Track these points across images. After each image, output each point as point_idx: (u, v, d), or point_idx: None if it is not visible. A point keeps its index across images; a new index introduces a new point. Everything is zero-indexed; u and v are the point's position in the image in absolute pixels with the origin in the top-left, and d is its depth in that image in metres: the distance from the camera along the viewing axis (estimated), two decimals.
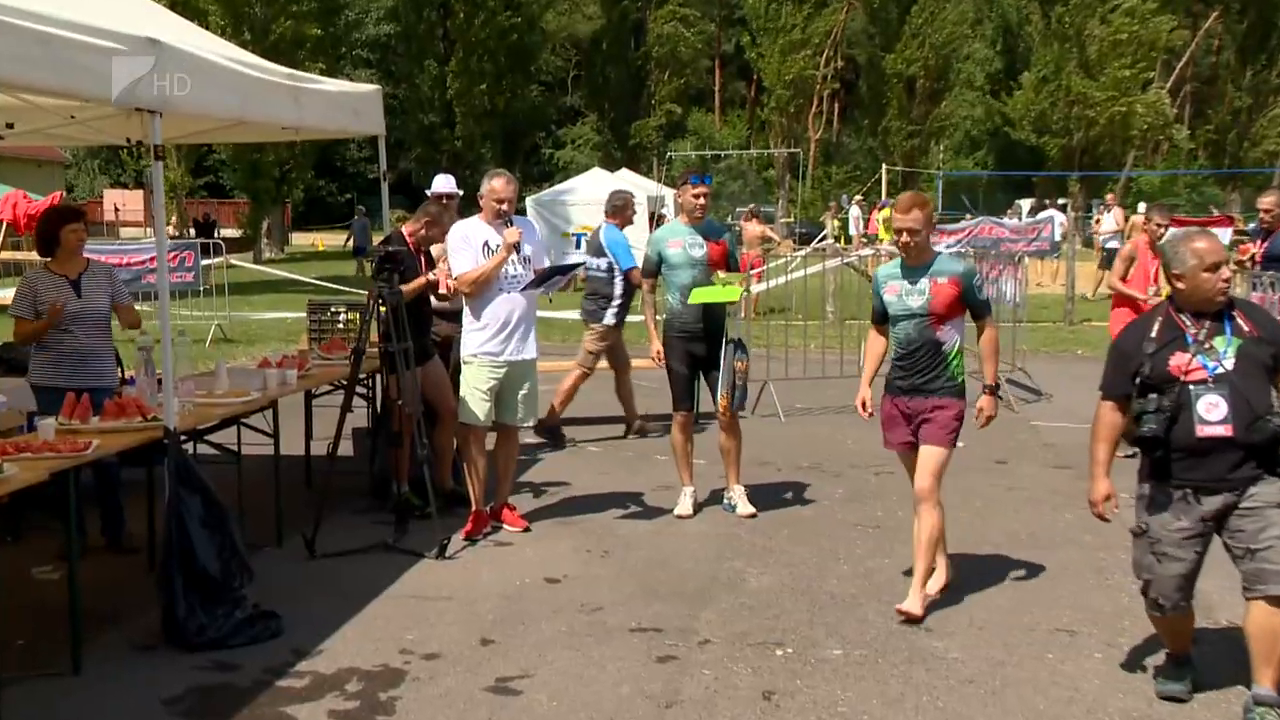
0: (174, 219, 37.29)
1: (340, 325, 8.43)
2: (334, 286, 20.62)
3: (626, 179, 34.83)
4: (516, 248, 7.01)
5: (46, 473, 4.90)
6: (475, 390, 7.18)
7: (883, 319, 6.07)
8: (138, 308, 7.21)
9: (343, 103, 7.74)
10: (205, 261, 19.10)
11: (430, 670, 5.22)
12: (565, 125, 62.00)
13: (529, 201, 32.15)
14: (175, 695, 4.93)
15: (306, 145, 36.23)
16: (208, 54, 5.99)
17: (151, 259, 16.17)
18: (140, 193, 49.81)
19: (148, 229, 43.91)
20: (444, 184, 8.90)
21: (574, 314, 13.50)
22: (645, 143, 53.16)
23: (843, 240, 34.82)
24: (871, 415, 6.19)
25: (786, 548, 7.06)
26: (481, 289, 7.08)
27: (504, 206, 7.08)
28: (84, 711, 4.79)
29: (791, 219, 45.99)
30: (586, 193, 31.23)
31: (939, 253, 6.06)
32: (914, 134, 50.23)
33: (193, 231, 34.96)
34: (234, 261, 23.48)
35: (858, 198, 40.14)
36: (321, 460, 7.63)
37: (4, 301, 9.12)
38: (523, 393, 7.33)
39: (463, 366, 7.29)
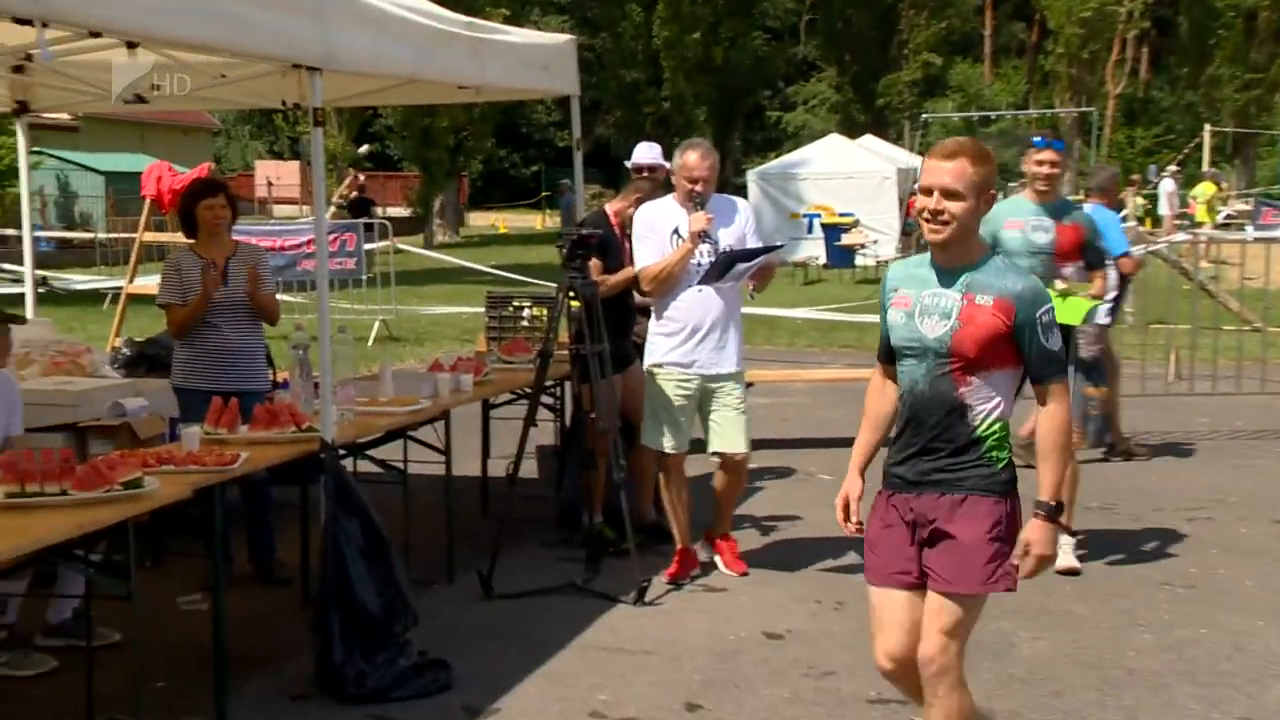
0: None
1: (524, 322, 8.59)
2: (517, 277, 20.93)
3: (871, 147, 34.65)
4: (705, 236, 7.02)
5: (190, 489, 5.19)
6: (660, 408, 7.22)
7: (892, 353, 4.57)
8: (293, 299, 7.52)
9: (530, 57, 7.90)
10: (369, 246, 19.55)
11: None
12: (796, 82, 61.99)
13: (751, 176, 32.13)
14: None
15: (486, 108, 36.94)
16: (376, 2, 6.23)
17: (309, 242, 16.51)
18: (296, 164, 51.56)
19: (304, 207, 45.52)
20: (646, 154, 8.93)
21: None
22: (895, 102, 52.54)
23: (1149, 223, 33.73)
24: (857, 528, 4.58)
25: (1069, 607, 6.93)
26: (665, 286, 7.12)
27: (698, 187, 7.06)
28: None
29: (1080, 195, 44.62)
30: (822, 164, 31.20)
31: (993, 254, 4.46)
32: (1251, 84, 48.00)
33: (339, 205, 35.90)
34: (402, 246, 24.07)
35: (1171, 168, 38.76)
36: (500, 483, 7.79)
37: (147, 290, 9.64)
38: (717, 413, 7.27)
39: (646, 379, 7.37)
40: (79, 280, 23.05)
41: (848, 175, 30.45)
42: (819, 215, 29.91)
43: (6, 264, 21.44)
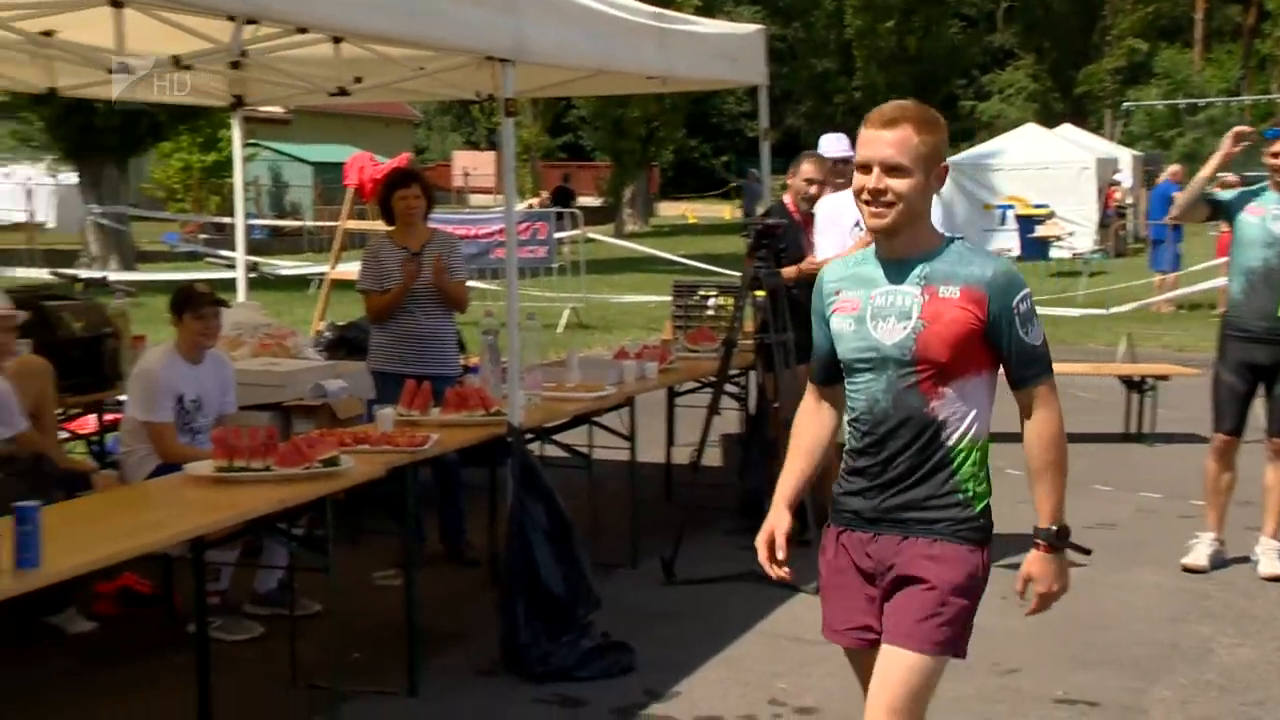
0: (537, 193, 38.42)
1: (710, 312, 8.65)
2: (705, 266, 20.96)
3: (1070, 136, 33.89)
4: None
5: (384, 468, 5.40)
6: None
7: (830, 372, 3.76)
8: (486, 286, 7.70)
9: (718, 47, 7.95)
10: (560, 235, 19.89)
11: None
12: (992, 70, 60.85)
13: None
14: None
15: (677, 99, 37.01)
16: None
17: (501, 231, 16.62)
18: (492, 154, 52.27)
19: (499, 196, 46.15)
20: (834, 145, 8.79)
21: None
22: (1096, 91, 51.26)
23: None
24: (786, 572, 3.96)
25: (1275, 614, 6.75)
26: None
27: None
28: None
29: None
30: (1018, 155, 30.62)
31: (951, 238, 3.60)
32: None
33: (542, 197, 36.22)
34: (592, 235, 24.18)
35: None
36: (684, 470, 7.87)
37: (349, 276, 9.95)
38: None
39: None
40: (286, 266, 23.70)
41: (1043, 166, 29.80)
42: (1013, 207, 29.36)
43: (223, 250, 22.29)
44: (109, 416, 7.88)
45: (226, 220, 24.64)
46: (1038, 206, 28.83)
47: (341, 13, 4.96)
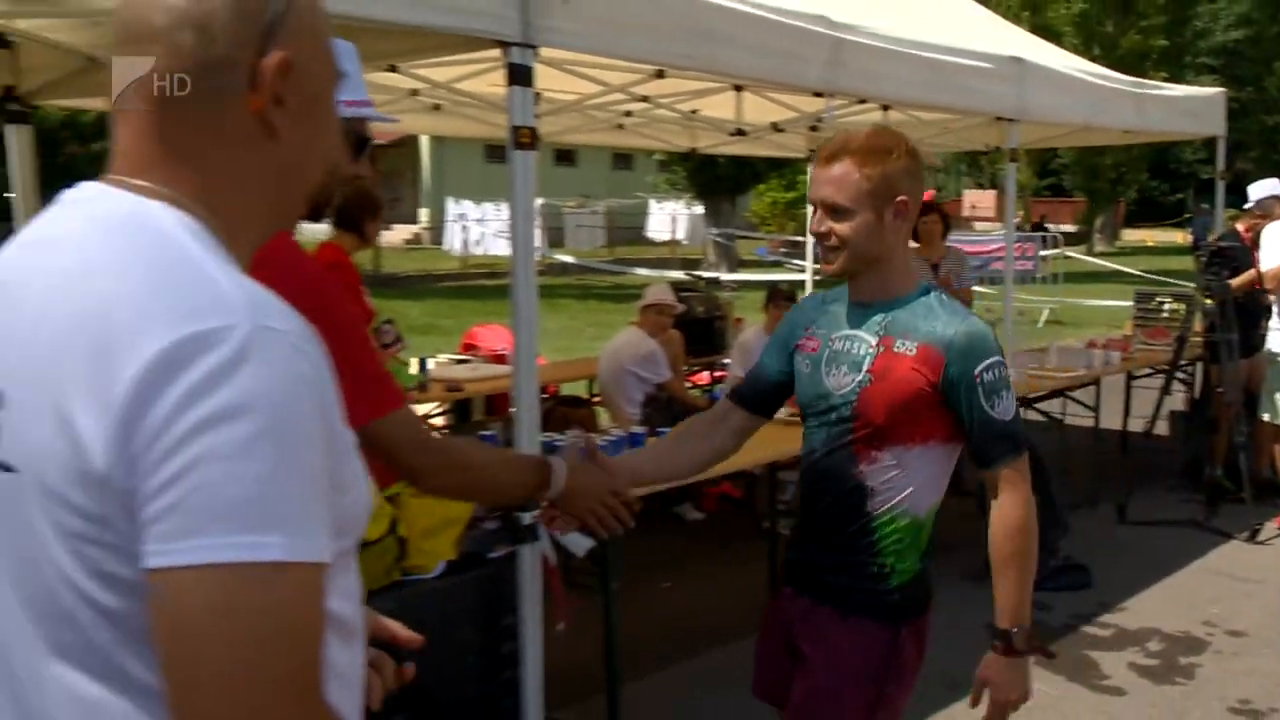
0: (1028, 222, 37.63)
1: (1164, 314, 8.16)
2: (1160, 279, 19.60)
3: None
4: None
5: None
6: (1278, 389, 6.63)
7: (753, 398, 2.60)
8: (985, 290, 7.55)
9: (1183, 107, 7.44)
10: (1043, 252, 19.77)
11: (1234, 646, 4.96)
12: None
13: None
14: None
15: (1142, 148, 34.70)
16: (1060, 67, 6.15)
17: (998, 248, 16.63)
18: (992, 192, 51.24)
19: (998, 223, 45.11)
20: (1268, 188, 7.94)
21: None
22: None
23: None
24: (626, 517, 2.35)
25: None
26: None
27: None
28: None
29: None
30: None
31: (928, 287, 2.41)
32: None
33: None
34: (1068, 253, 23.40)
35: None
36: (1137, 436, 7.44)
37: None
38: None
39: (1268, 364, 6.75)
40: None
41: None
42: None
43: (797, 259, 22.94)
44: (718, 374, 8.39)
45: (800, 239, 25.28)
46: None
47: (891, 88, 4.99)
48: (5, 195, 4.33)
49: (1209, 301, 6.93)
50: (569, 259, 25.32)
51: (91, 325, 0.97)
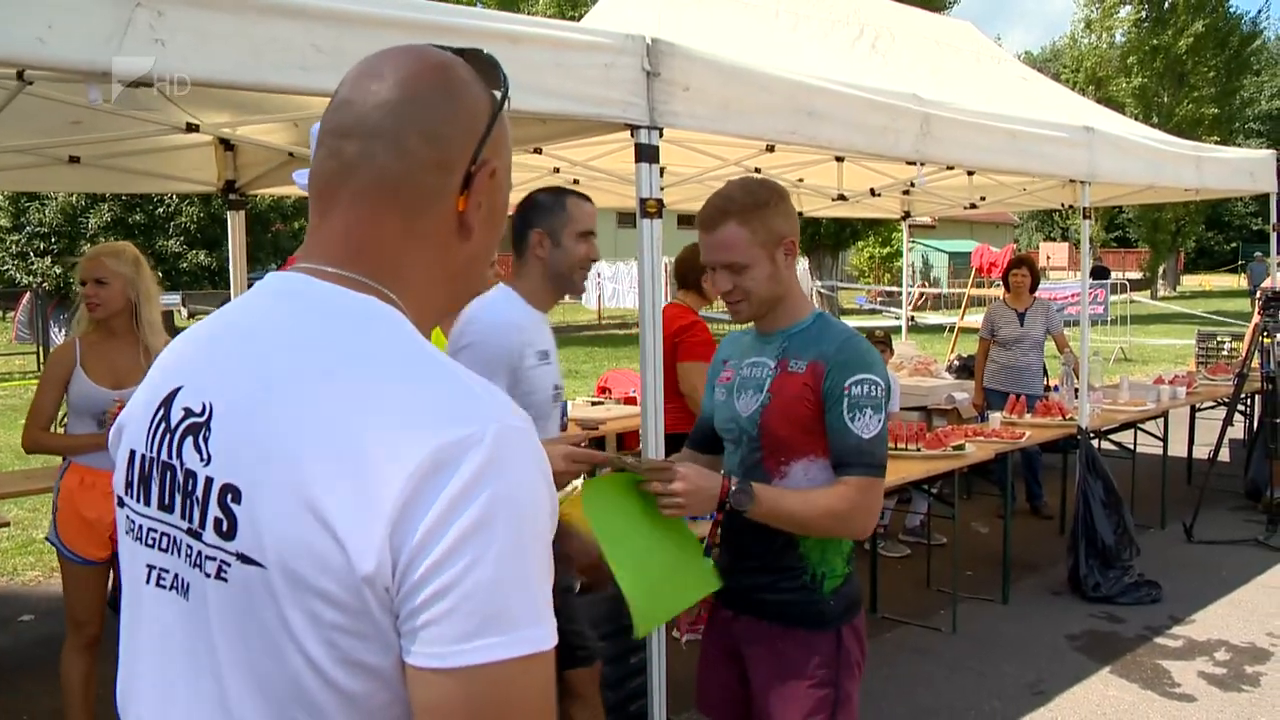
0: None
1: (1224, 352, 7.73)
2: (1219, 319, 18.61)
3: None
4: None
5: (993, 453, 5.22)
6: None
7: (702, 439, 2.43)
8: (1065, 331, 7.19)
9: (1239, 167, 7.06)
10: (1113, 298, 19.23)
11: None
12: None
13: None
14: (1074, 633, 4.98)
15: (1200, 203, 33.25)
16: (1125, 134, 5.90)
17: (1073, 295, 16.37)
18: (1065, 245, 50.04)
19: (1070, 272, 43.87)
20: None
21: None
22: None
23: None
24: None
25: None
26: None
27: None
28: (1013, 630, 5.02)
29: None
30: None
31: (819, 313, 2.25)
32: None
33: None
34: (1134, 298, 22.59)
35: None
36: (1202, 463, 7.07)
37: (971, 325, 9.70)
38: None
39: None
40: (931, 318, 23.50)
41: None
42: None
43: (892, 308, 22.53)
44: None
45: (895, 289, 24.84)
46: None
47: (975, 155, 4.82)
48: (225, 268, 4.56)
49: (1267, 340, 6.51)
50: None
51: (343, 426, 0.87)
